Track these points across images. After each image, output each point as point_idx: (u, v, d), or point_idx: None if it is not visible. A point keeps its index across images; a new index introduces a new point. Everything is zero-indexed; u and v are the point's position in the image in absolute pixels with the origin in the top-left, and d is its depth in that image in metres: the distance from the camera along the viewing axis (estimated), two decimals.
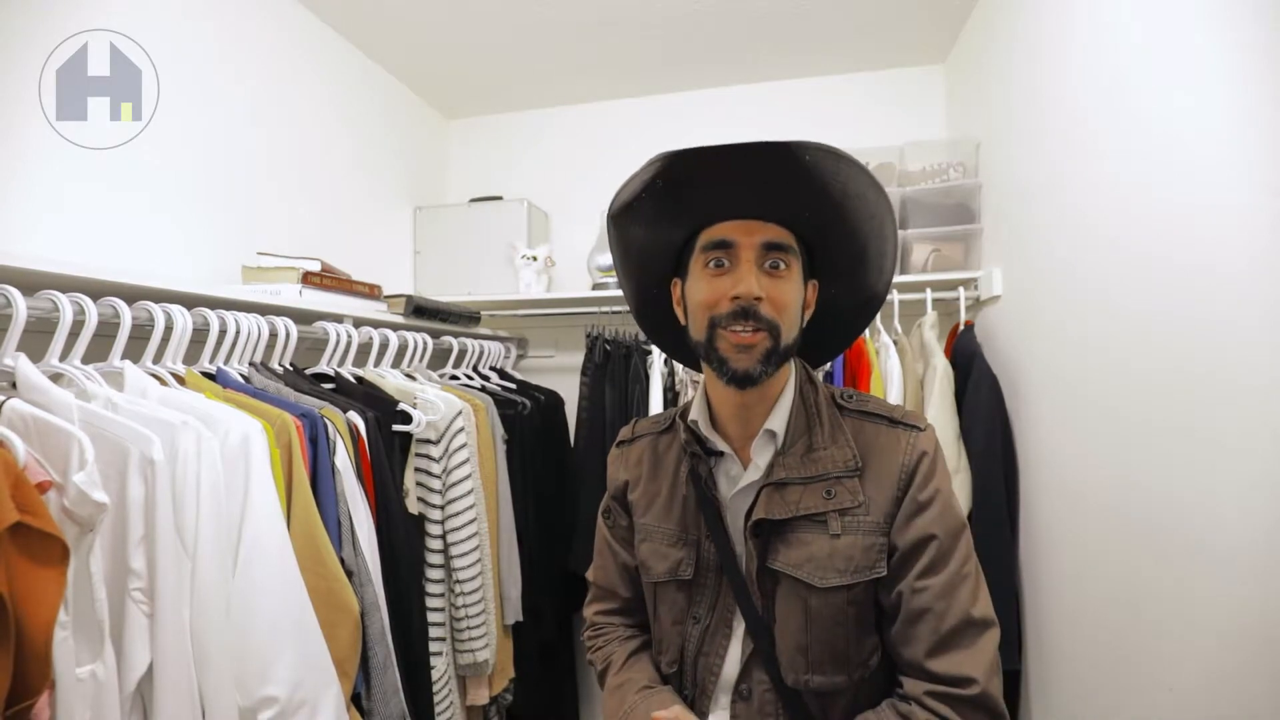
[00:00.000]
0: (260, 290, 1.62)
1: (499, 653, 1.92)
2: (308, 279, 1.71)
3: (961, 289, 2.11)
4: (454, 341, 2.27)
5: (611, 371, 2.34)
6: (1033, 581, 1.80)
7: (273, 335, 1.54)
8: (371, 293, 1.97)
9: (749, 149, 0.90)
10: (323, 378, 1.73)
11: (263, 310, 1.54)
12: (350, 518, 1.41)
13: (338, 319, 1.78)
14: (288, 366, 1.61)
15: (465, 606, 1.78)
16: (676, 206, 0.99)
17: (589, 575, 1.27)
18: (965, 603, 0.92)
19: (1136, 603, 1.31)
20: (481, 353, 2.42)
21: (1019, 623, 1.84)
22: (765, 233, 0.96)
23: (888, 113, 2.56)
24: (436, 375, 2.17)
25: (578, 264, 2.67)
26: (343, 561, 1.35)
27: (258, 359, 1.53)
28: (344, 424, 1.46)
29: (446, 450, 1.79)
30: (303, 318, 1.66)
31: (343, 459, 1.42)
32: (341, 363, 1.77)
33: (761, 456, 1.02)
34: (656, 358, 2.23)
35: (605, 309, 2.44)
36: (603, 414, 2.32)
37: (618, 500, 1.21)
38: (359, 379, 1.81)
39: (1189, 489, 1.16)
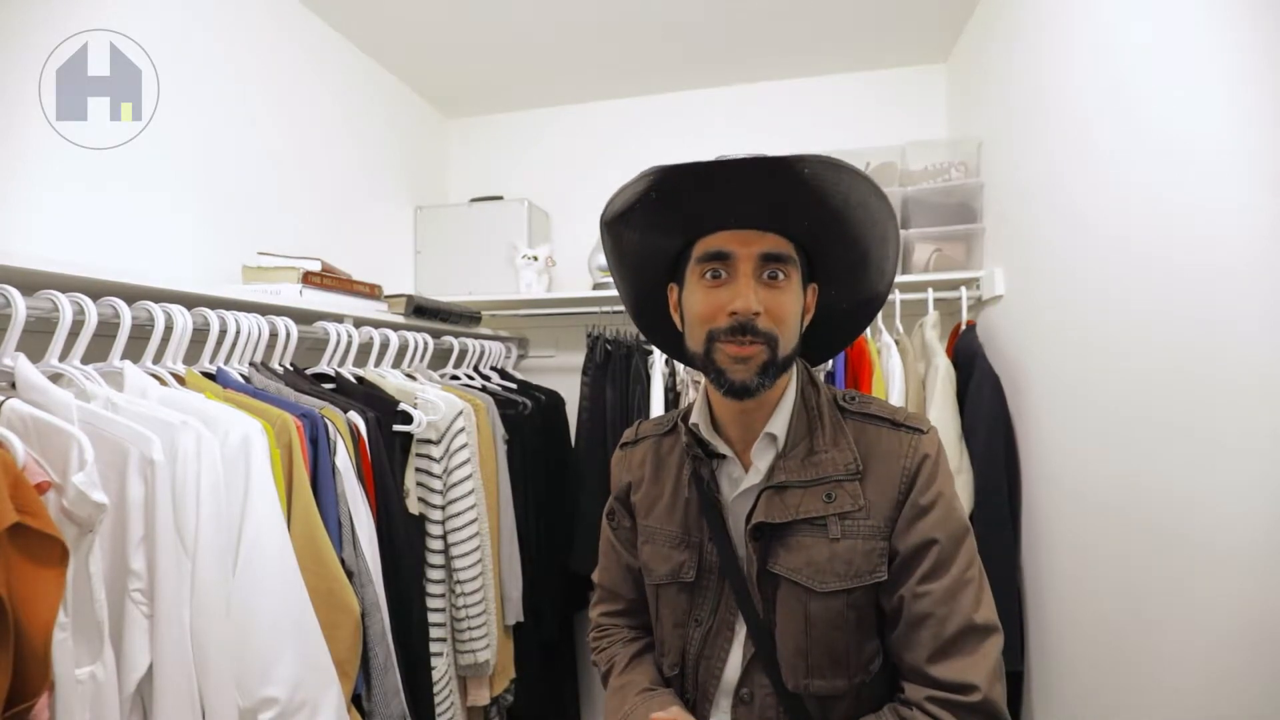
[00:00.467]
0: (260, 290, 1.61)
1: (500, 653, 1.92)
2: (308, 279, 1.71)
3: (963, 289, 2.11)
4: (455, 341, 2.27)
5: (612, 371, 2.33)
6: (1035, 582, 1.80)
7: (273, 335, 1.54)
8: (372, 292, 1.97)
9: (745, 165, 0.88)
10: (323, 378, 1.73)
11: (263, 310, 1.53)
12: (351, 518, 1.40)
13: (338, 319, 1.78)
14: (288, 366, 1.60)
15: (466, 607, 1.78)
16: (670, 217, 0.97)
17: (595, 577, 1.27)
18: (967, 608, 0.91)
19: (1137, 603, 1.31)
20: (482, 353, 2.41)
21: (1021, 623, 1.83)
22: (763, 243, 0.94)
23: (889, 112, 2.56)
24: (437, 375, 2.16)
25: (578, 264, 2.67)
26: (343, 562, 1.35)
27: (258, 359, 1.53)
28: (344, 424, 1.46)
29: (447, 450, 1.78)
30: (303, 317, 1.66)
31: (343, 459, 1.41)
32: (342, 363, 1.77)
33: (762, 459, 1.01)
34: (658, 358, 2.22)
35: (606, 309, 2.43)
36: (604, 414, 2.31)
37: (621, 502, 1.20)
38: (359, 379, 1.80)
39: (1190, 489, 1.15)
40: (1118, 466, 1.38)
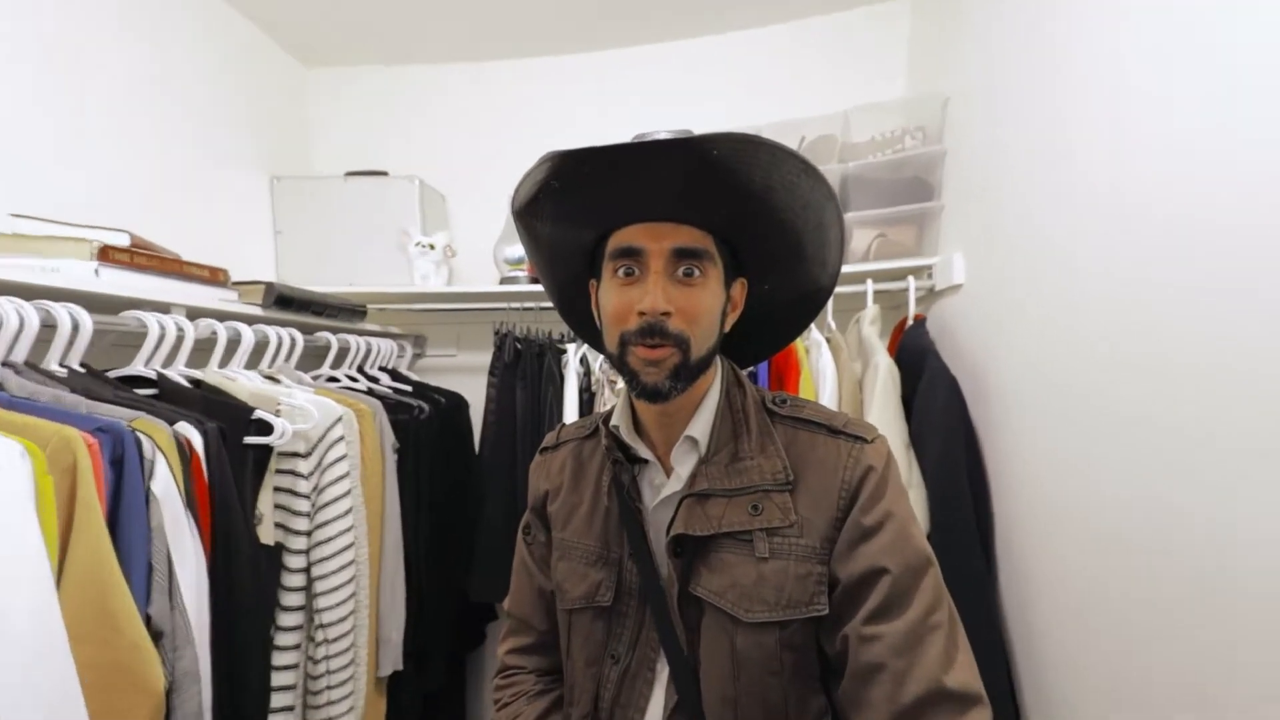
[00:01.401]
0: (23, 265, 1.27)
1: (367, 713, 1.67)
2: (109, 255, 1.36)
3: (911, 278, 1.91)
4: (332, 338, 2.01)
5: (523, 371, 2.19)
6: (1021, 623, 1.54)
7: (46, 327, 1.21)
8: (213, 277, 1.64)
9: (646, 149, 0.82)
10: (138, 381, 1.42)
11: (28, 293, 1.19)
12: (168, 560, 1.15)
13: (163, 308, 1.46)
14: (76, 368, 1.28)
15: (327, 659, 1.52)
16: (579, 208, 0.91)
17: (505, 605, 1.18)
18: (933, 665, 0.78)
19: (1147, 636, 1.15)
20: (368, 351, 2.18)
21: (1010, 677, 1.56)
22: (676, 237, 0.89)
23: (835, 69, 2.26)
24: (309, 377, 1.89)
25: (483, 254, 2.42)
26: (149, 620, 1.10)
27: (19, 357, 1.19)
28: (169, 438, 1.19)
29: (319, 464, 1.56)
30: (105, 305, 1.33)
31: (164, 484, 1.15)
32: (167, 362, 1.46)
33: (683, 465, 0.96)
34: (571, 357, 2.11)
35: (515, 305, 2.24)
36: (513, 418, 2.17)
37: (537, 514, 1.13)
38: (195, 382, 1.51)
39: (1189, 497, 1.06)
40: (1107, 478, 1.24)
